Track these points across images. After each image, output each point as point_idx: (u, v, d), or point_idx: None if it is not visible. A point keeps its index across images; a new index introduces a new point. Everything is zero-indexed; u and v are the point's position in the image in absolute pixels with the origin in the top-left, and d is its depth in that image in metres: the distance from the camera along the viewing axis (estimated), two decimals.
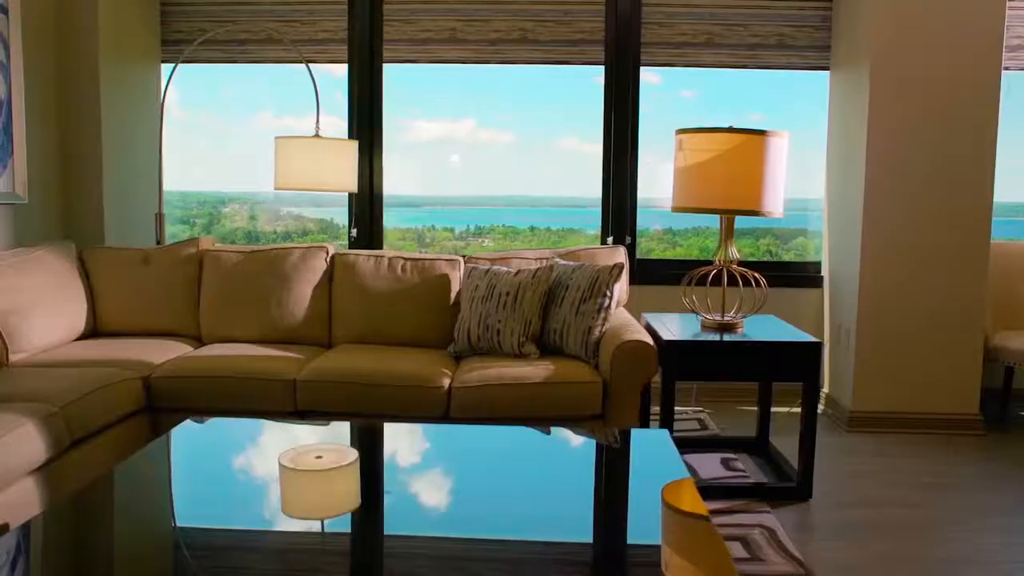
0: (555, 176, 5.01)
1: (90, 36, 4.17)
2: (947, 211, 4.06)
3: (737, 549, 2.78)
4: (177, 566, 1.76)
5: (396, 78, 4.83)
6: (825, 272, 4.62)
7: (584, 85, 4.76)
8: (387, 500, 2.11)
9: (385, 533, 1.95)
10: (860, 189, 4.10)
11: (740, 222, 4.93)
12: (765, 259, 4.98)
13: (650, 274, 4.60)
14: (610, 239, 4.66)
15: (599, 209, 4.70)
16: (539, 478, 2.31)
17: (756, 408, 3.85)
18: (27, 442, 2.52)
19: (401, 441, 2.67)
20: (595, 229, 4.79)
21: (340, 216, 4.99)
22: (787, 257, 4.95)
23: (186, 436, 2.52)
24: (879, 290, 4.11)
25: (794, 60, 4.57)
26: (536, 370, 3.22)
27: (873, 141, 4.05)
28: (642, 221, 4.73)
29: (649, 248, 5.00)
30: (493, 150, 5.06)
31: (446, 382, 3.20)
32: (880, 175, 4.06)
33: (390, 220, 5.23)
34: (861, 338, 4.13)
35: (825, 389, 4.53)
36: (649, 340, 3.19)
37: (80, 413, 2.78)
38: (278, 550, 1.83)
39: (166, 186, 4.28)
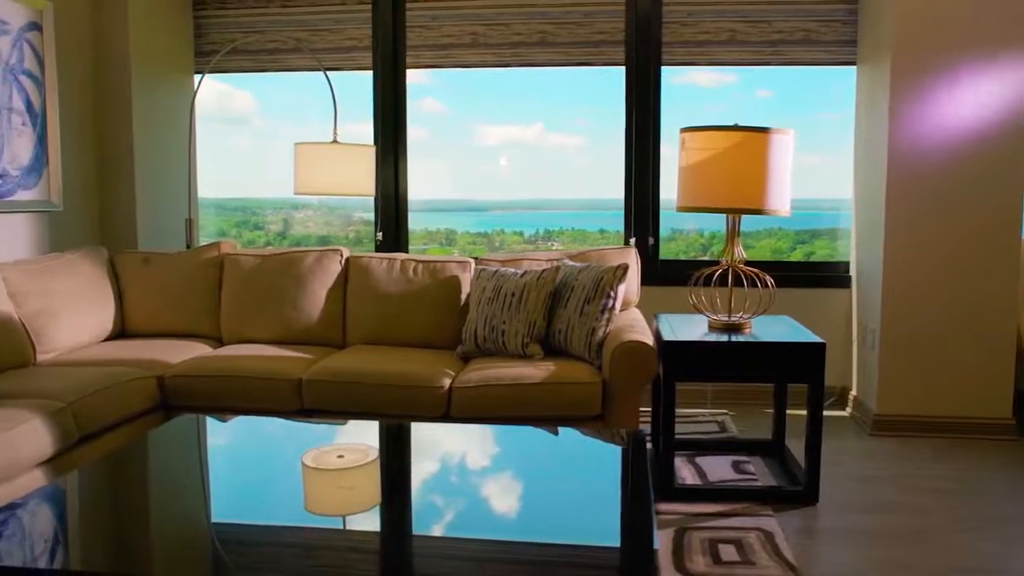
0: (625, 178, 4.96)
1: (122, 48, 4.35)
2: (975, 206, 3.91)
3: (730, 552, 2.74)
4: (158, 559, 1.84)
5: (462, 84, 4.97)
6: (853, 272, 4.51)
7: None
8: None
9: (393, 529, 2.01)
10: (883, 184, 3.99)
11: (812, 223, 4.87)
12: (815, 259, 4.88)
13: (672, 275, 4.55)
14: (632, 240, 4.64)
15: (663, 211, 4.64)
16: (496, 476, 2.35)
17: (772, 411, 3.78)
18: (35, 436, 2.65)
19: (399, 441, 2.72)
20: (663, 231, 4.77)
21: (410, 219, 5.07)
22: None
23: (173, 433, 2.62)
24: (903, 289, 3.99)
25: (819, 56, 4.47)
26: (536, 371, 3.23)
27: (895, 135, 3.93)
28: (694, 221, 4.68)
29: (719, 251, 4.93)
30: (563, 153, 5.09)
31: (446, 382, 3.24)
32: (903, 169, 3.95)
33: (460, 224, 5.31)
34: (885, 338, 4.01)
35: (853, 392, 4.42)
36: (648, 340, 3.17)
37: (89, 409, 2.91)
38: (298, 545, 1.86)
39: (233, 193, 4.46)
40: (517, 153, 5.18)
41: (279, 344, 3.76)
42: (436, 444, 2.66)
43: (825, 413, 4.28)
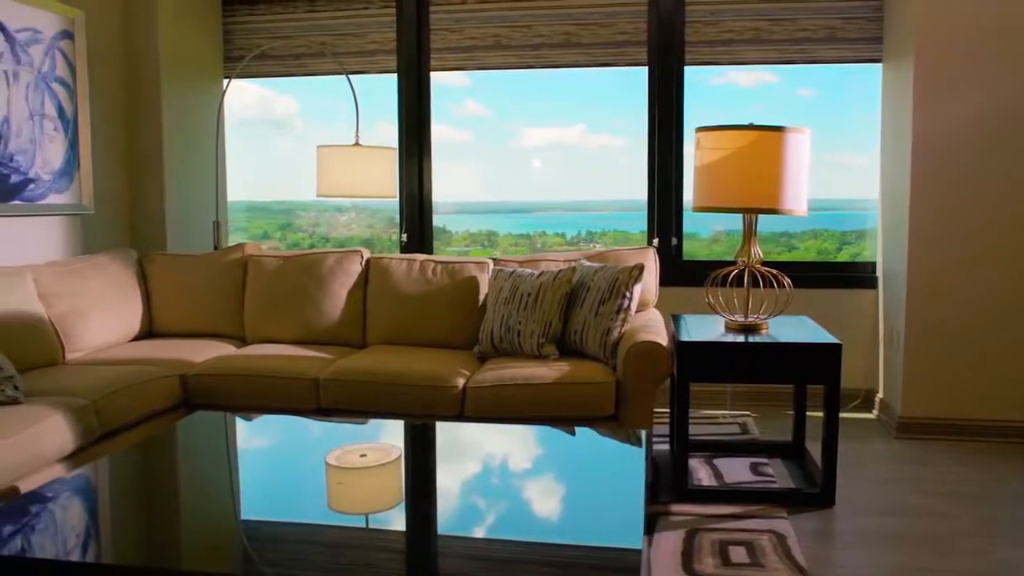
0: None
1: (152, 54, 4.46)
2: (1000, 204, 3.83)
3: (740, 554, 2.73)
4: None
5: (503, 86, 5.00)
6: (880, 272, 4.44)
7: (697, 87, 4.66)
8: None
9: (410, 528, 2.04)
10: (907, 183, 3.93)
11: (856, 223, 4.78)
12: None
13: (696, 275, 4.51)
14: (656, 240, 4.62)
15: (704, 213, 4.59)
16: (494, 477, 2.37)
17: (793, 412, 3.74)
18: (57, 431, 2.73)
19: (418, 440, 2.76)
20: (705, 232, 4.73)
21: (452, 222, 5.14)
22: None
23: (190, 430, 2.69)
24: (928, 289, 3.92)
25: (844, 53, 4.41)
26: (550, 371, 3.24)
27: (919, 131, 3.87)
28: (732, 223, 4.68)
29: (766, 251, 4.90)
30: (606, 154, 5.07)
31: (461, 382, 3.26)
32: (927, 167, 3.88)
33: (502, 226, 5.33)
34: (909, 340, 3.95)
35: (880, 394, 4.35)
36: (662, 341, 3.16)
37: (111, 407, 2.99)
38: (322, 543, 1.89)
39: (277, 196, 4.53)
40: (560, 154, 5.17)
41: (301, 344, 3.82)
42: (447, 444, 2.69)
43: (851, 415, 4.27)
